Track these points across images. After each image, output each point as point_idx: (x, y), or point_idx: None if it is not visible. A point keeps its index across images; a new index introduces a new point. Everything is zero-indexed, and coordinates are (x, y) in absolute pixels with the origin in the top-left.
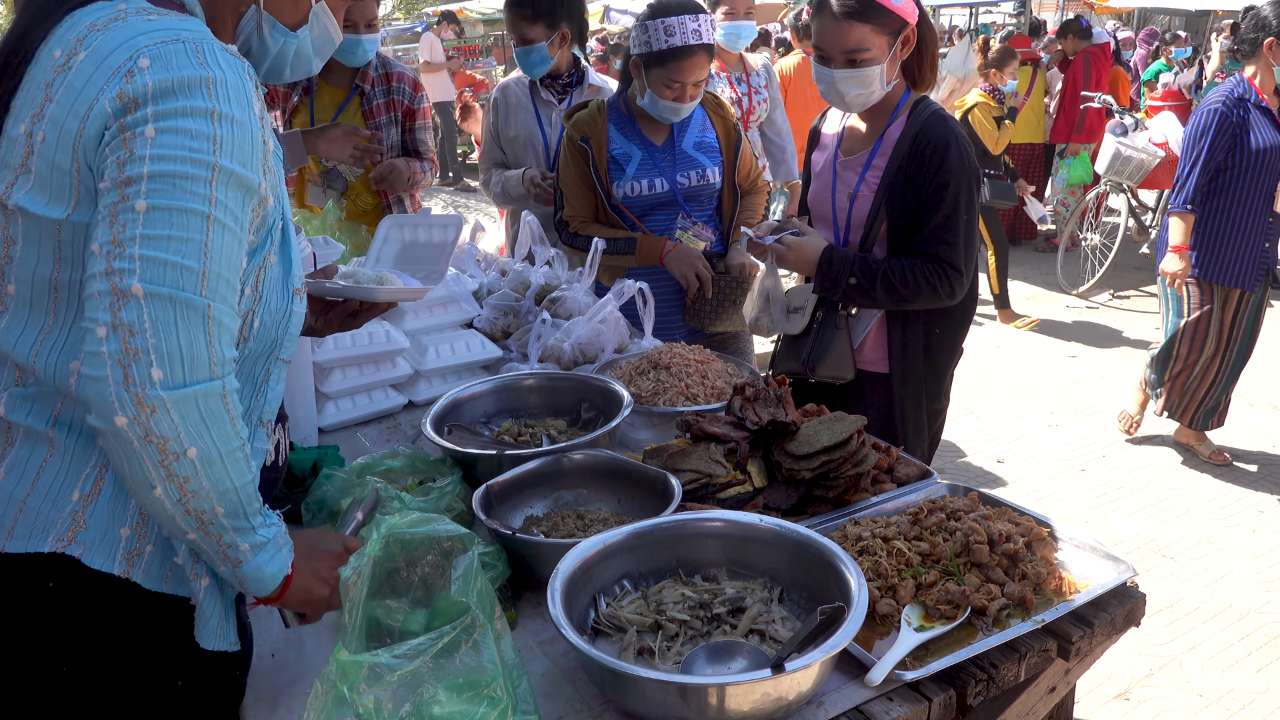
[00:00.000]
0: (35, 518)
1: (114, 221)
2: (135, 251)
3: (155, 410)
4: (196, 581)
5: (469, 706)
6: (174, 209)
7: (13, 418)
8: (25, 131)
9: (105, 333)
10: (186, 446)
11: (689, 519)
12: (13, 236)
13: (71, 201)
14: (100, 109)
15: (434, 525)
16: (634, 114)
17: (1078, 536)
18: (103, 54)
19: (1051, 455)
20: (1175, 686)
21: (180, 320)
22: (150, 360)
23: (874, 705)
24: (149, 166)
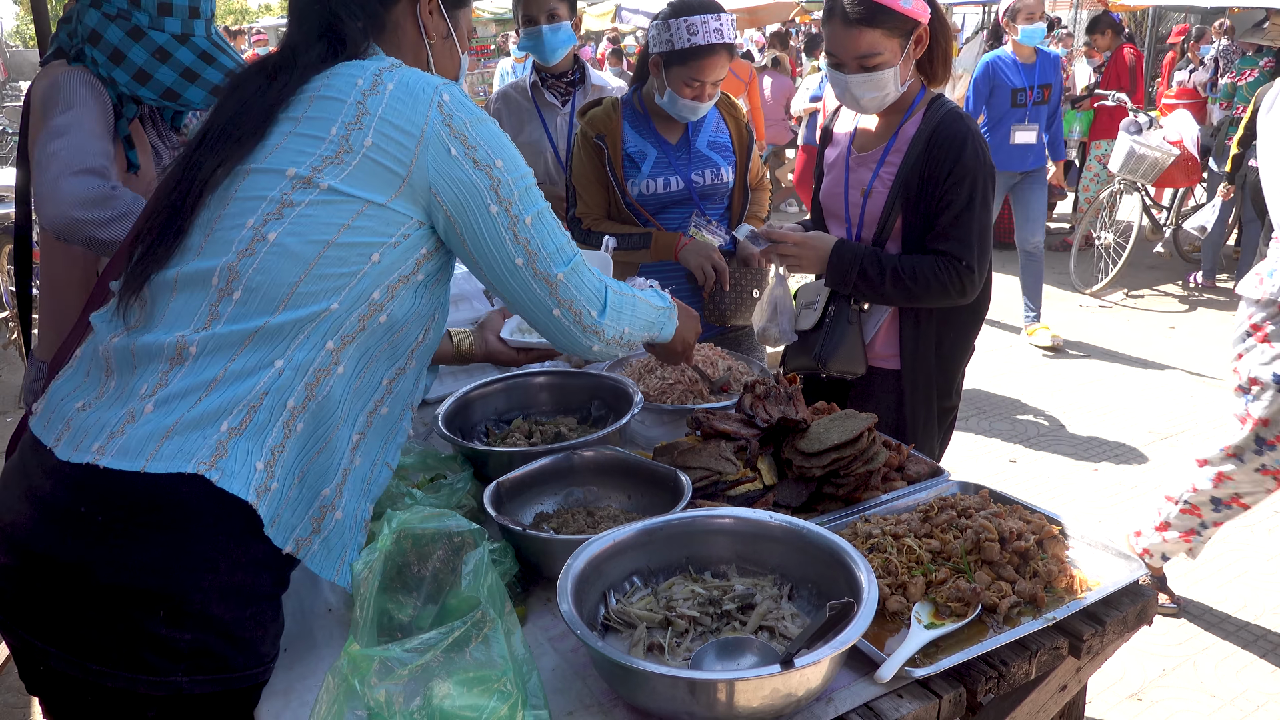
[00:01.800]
0: (183, 443)
1: (519, 239)
2: (545, 253)
3: (605, 329)
4: (331, 514)
5: (479, 700)
6: (538, 211)
7: (199, 359)
8: (339, 134)
9: (559, 313)
10: (623, 329)
11: (698, 516)
12: (294, 201)
13: (393, 193)
14: (433, 130)
15: (444, 521)
16: (649, 112)
17: (1089, 534)
18: (410, 86)
19: (1064, 454)
20: (1189, 687)
21: (579, 276)
22: (585, 309)
23: (883, 702)
24: (516, 189)
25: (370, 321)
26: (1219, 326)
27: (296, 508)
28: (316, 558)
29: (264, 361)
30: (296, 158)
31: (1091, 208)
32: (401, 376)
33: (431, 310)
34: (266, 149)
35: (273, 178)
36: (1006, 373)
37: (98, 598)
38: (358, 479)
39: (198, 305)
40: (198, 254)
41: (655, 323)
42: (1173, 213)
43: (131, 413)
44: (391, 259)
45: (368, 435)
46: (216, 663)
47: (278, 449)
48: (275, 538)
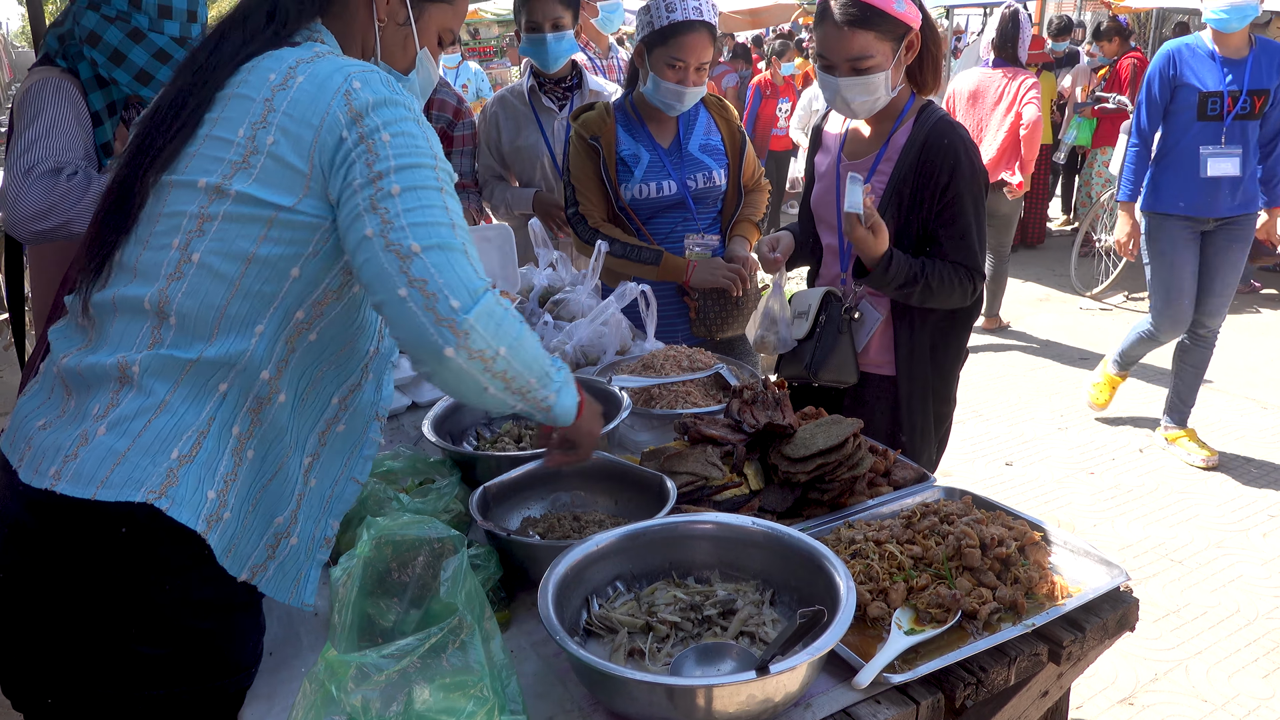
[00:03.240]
0: (132, 469)
1: (376, 208)
2: (404, 223)
3: (468, 332)
4: (285, 540)
5: (455, 705)
6: (419, 188)
7: (143, 380)
8: (245, 135)
9: (405, 293)
10: (498, 348)
11: (681, 521)
12: (212, 215)
13: (300, 194)
14: (333, 119)
15: (424, 527)
16: (642, 116)
17: (1072, 541)
18: (321, 78)
19: (1060, 458)
20: (1180, 692)
21: (452, 260)
22: (446, 296)
23: (861, 708)
24: (394, 162)
25: (299, 342)
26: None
27: (251, 535)
28: (271, 583)
29: (208, 386)
30: (209, 166)
31: (1091, 210)
32: (356, 392)
33: (378, 320)
34: (185, 156)
35: (190, 192)
36: (1004, 375)
37: (69, 615)
38: (315, 500)
39: (139, 329)
40: (133, 276)
41: (546, 375)
42: None
43: (85, 434)
44: (312, 272)
45: (322, 455)
46: (196, 673)
47: (230, 477)
48: (230, 567)
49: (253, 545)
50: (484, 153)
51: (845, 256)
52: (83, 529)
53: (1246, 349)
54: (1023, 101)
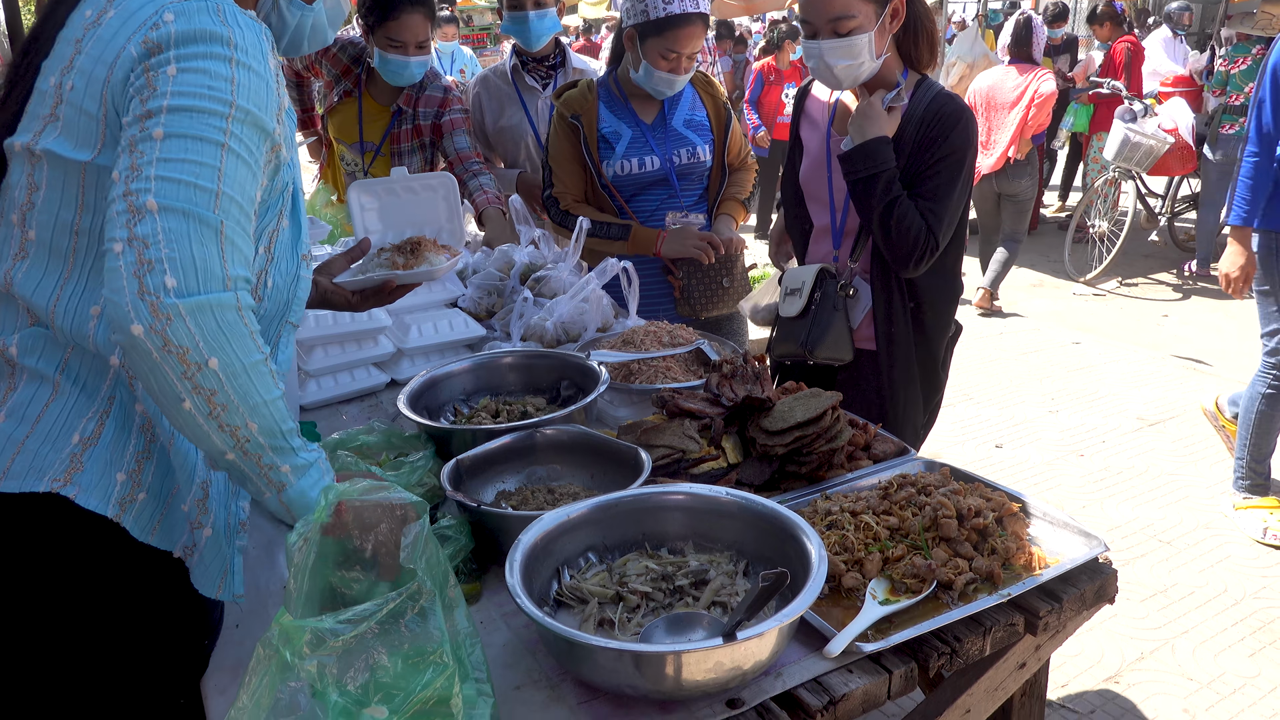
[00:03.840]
0: (33, 458)
1: (133, 150)
2: (152, 173)
3: (170, 318)
4: (199, 530)
5: (415, 673)
6: (190, 136)
7: (23, 361)
8: (54, 84)
9: (121, 248)
10: (207, 357)
11: (652, 492)
12: (37, 183)
13: (98, 145)
14: (127, 54)
15: (384, 493)
16: (625, 93)
17: (1051, 512)
18: (130, 10)
19: (1051, 441)
20: (1166, 670)
21: (193, 233)
22: (164, 269)
23: (833, 677)
24: (169, 100)
25: None
26: (1212, 315)
27: (178, 516)
28: (197, 574)
29: (98, 365)
30: (30, 124)
31: (1085, 195)
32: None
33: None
34: (26, 116)
35: (16, 159)
36: (996, 358)
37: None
38: (221, 487)
39: (14, 311)
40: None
41: (277, 432)
42: (1168, 201)
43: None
44: None
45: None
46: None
47: (143, 455)
48: (160, 543)
49: (181, 525)
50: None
51: (838, 234)
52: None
53: (1238, 333)
54: (1041, 79)
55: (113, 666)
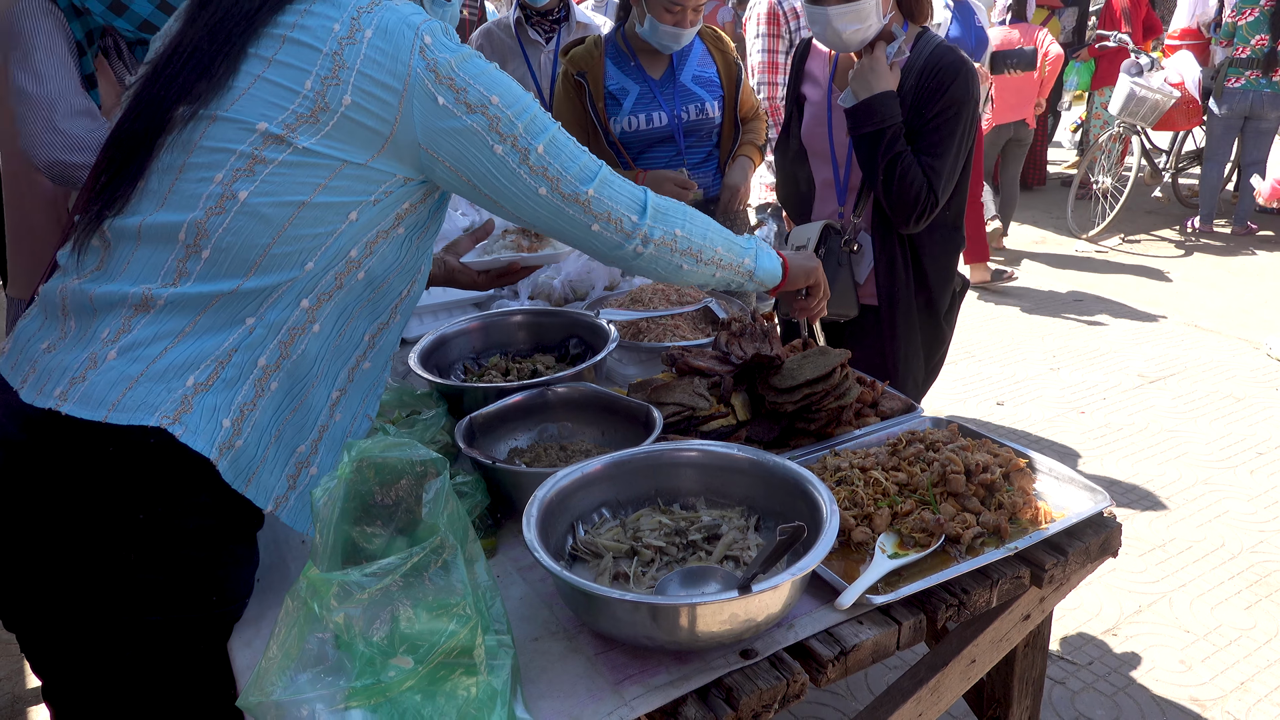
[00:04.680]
0: (146, 395)
1: (535, 170)
2: (568, 175)
3: (648, 231)
4: (306, 469)
5: (438, 624)
6: (551, 137)
7: (164, 311)
8: (315, 90)
9: (599, 227)
10: (674, 230)
11: (666, 449)
12: (267, 159)
13: (375, 152)
14: (419, 82)
15: (406, 450)
16: (633, 48)
17: (1056, 468)
18: (390, 33)
19: (1052, 398)
20: (1163, 623)
21: (605, 189)
22: (623, 215)
23: (844, 628)
24: (520, 124)
25: (348, 279)
26: (1214, 271)
27: (274, 467)
28: (293, 512)
29: (235, 319)
30: (267, 110)
31: (1089, 152)
32: (385, 331)
33: (417, 263)
34: (234, 92)
35: (241, 130)
36: (998, 316)
37: (67, 539)
38: (337, 434)
39: (163, 260)
40: (162, 203)
41: (735, 244)
42: (1172, 156)
43: (94, 357)
44: (370, 216)
45: (349, 391)
46: (192, 601)
47: (248, 406)
48: (256, 498)
49: (276, 477)
50: None
51: (842, 190)
52: (86, 451)
53: (1240, 291)
54: (1048, 43)
55: (165, 607)
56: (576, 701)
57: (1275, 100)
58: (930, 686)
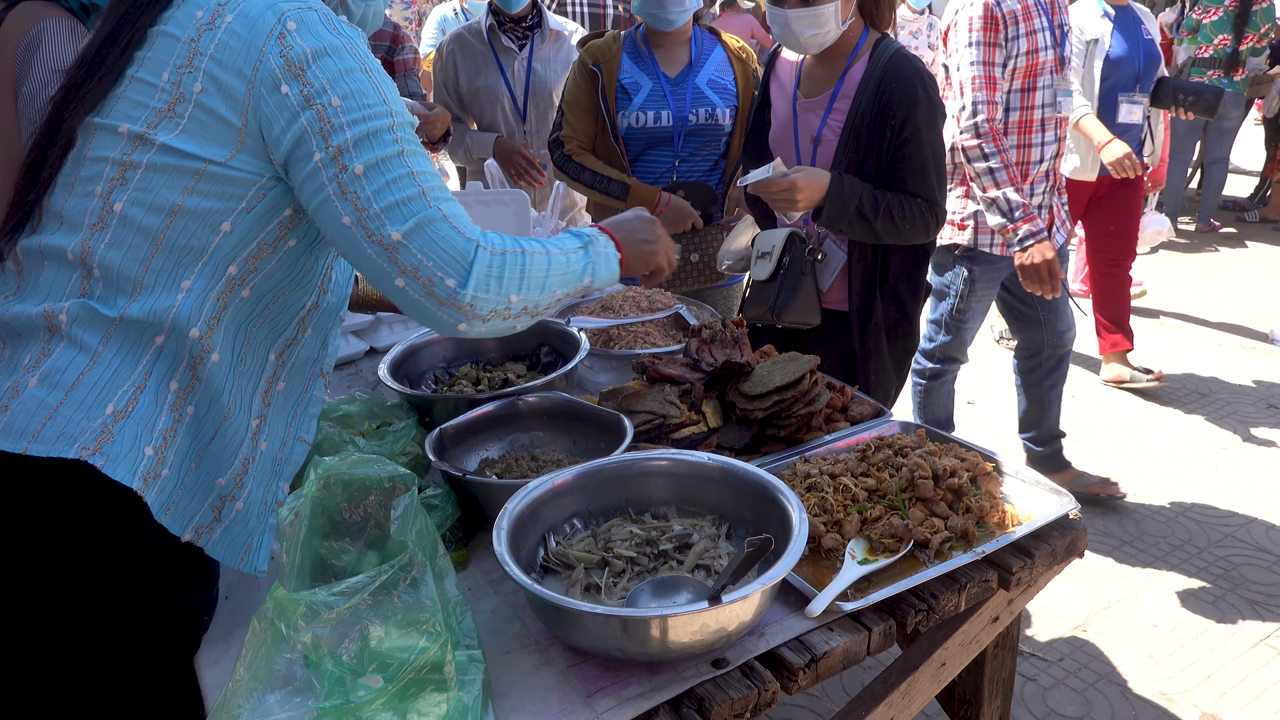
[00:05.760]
0: (65, 425)
1: (345, 193)
2: (376, 209)
3: (471, 304)
4: (231, 503)
5: (408, 641)
6: (379, 160)
7: (71, 329)
8: (170, 80)
9: (404, 282)
10: (508, 299)
11: (636, 458)
12: (135, 163)
13: (233, 149)
14: (267, 69)
15: (374, 466)
16: (650, 45)
17: (1023, 471)
18: (251, 17)
19: None
20: (1132, 618)
21: (433, 236)
22: (440, 277)
23: (814, 635)
24: (349, 134)
25: (231, 299)
26: (1179, 269)
27: (194, 495)
28: (218, 546)
29: (144, 340)
30: (132, 111)
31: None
32: (295, 347)
33: (317, 274)
34: (112, 98)
35: (112, 136)
36: None
37: (7, 570)
38: (265, 464)
39: (67, 279)
40: (60, 223)
41: (571, 273)
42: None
43: (15, 386)
44: (245, 226)
45: (269, 417)
46: (144, 624)
47: (169, 433)
48: (171, 526)
49: (196, 505)
50: (441, 93)
51: None
52: (13, 483)
53: (1204, 287)
54: None
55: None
56: (549, 715)
57: (1236, 100)
58: (902, 690)
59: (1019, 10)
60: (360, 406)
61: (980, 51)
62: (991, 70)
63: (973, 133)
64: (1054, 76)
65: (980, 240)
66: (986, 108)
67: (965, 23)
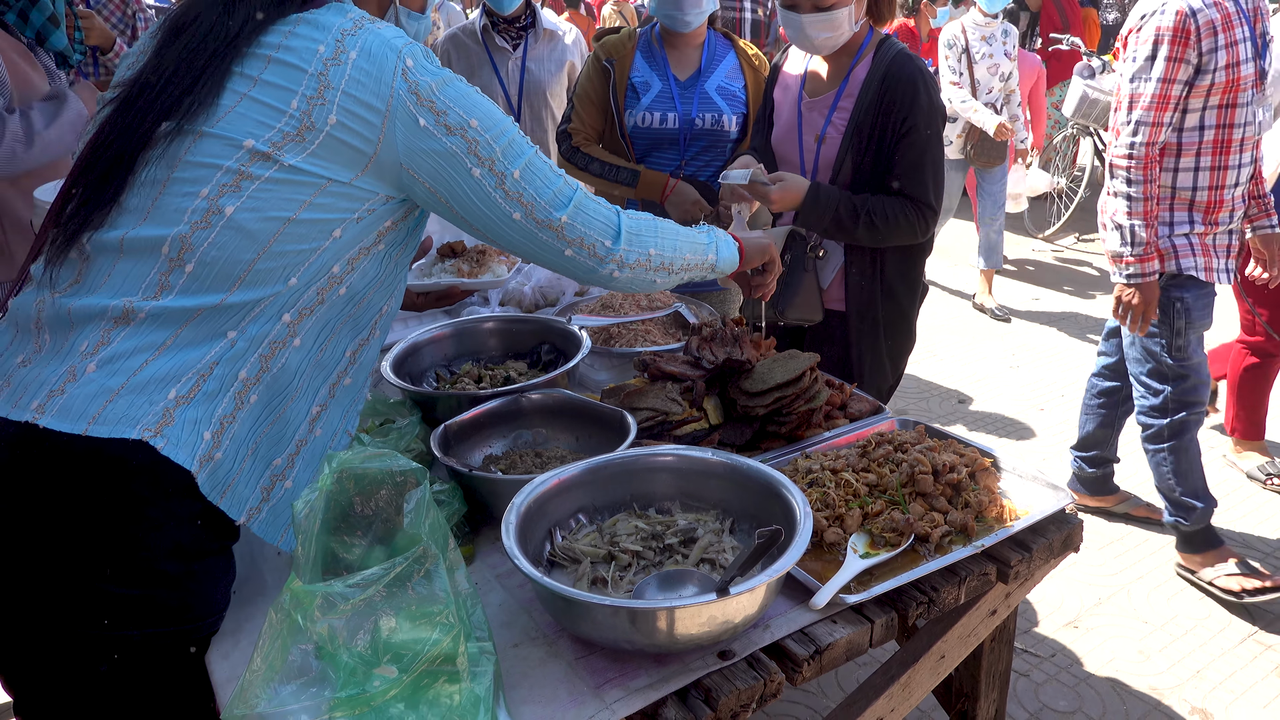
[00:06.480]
0: (127, 408)
1: (510, 195)
2: (542, 201)
3: (623, 255)
4: (281, 483)
5: (421, 633)
6: (524, 164)
7: (145, 324)
8: (301, 109)
9: (572, 252)
10: (648, 251)
11: (641, 454)
12: (254, 175)
13: (359, 171)
14: (400, 103)
15: (386, 460)
16: (664, 46)
17: (1020, 467)
18: (374, 56)
19: (1012, 395)
20: (1122, 614)
21: (579, 212)
22: (594, 243)
23: (818, 628)
24: (497, 147)
25: (329, 294)
26: None
27: (249, 480)
28: (264, 524)
29: (216, 332)
30: (255, 129)
31: (1043, 153)
32: (365, 347)
33: (395, 279)
34: (219, 110)
35: (227, 146)
36: (958, 316)
37: (42, 555)
38: (316, 450)
39: (145, 273)
40: (144, 218)
41: (698, 245)
42: None
43: (72, 370)
44: (353, 233)
45: (329, 406)
46: (168, 616)
47: (227, 419)
48: (229, 510)
49: (250, 488)
50: None
51: None
52: (64, 465)
53: None
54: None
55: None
56: (558, 706)
57: None
58: (902, 682)
59: (1218, 20)
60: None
61: (1161, 67)
62: (1169, 89)
63: (1126, 153)
64: (1254, 93)
65: (1184, 264)
66: (1149, 130)
67: (1151, 33)
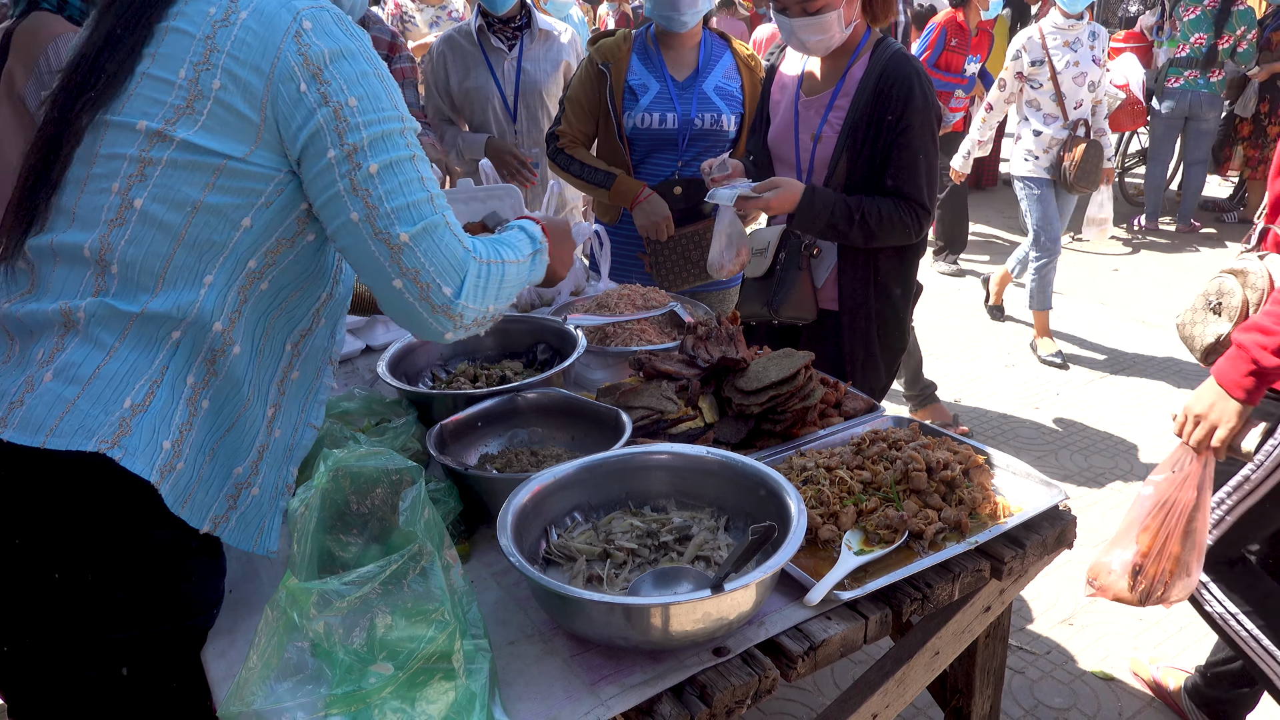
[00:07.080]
0: (83, 419)
1: (357, 190)
2: (387, 208)
3: (461, 313)
4: (247, 490)
5: (417, 630)
6: (392, 162)
7: (89, 327)
8: (188, 78)
9: (400, 284)
10: (487, 308)
11: (637, 452)
12: (154, 159)
13: (252, 145)
14: (285, 66)
15: (382, 459)
16: (660, 47)
17: (1013, 464)
18: (266, 15)
19: (1007, 394)
20: (1117, 611)
21: (436, 242)
22: (438, 284)
23: (813, 624)
24: (365, 134)
25: (250, 292)
26: (1160, 268)
27: (209, 487)
28: (233, 533)
29: (160, 335)
30: (148, 108)
31: None
32: (309, 337)
33: (331, 265)
34: (124, 95)
35: (128, 134)
36: (953, 315)
37: (22, 563)
38: (278, 450)
39: (81, 276)
40: (71, 220)
41: (522, 280)
42: (1119, 156)
43: (30, 380)
44: (265, 221)
45: (283, 405)
46: (157, 615)
47: (185, 427)
48: (190, 518)
49: (212, 496)
50: (432, 94)
51: None
52: (30, 476)
53: (1186, 286)
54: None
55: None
56: (554, 703)
57: (1213, 100)
58: (896, 679)
59: None
60: (359, 403)
61: None
62: None
63: None
64: None
65: None
66: None
67: None
